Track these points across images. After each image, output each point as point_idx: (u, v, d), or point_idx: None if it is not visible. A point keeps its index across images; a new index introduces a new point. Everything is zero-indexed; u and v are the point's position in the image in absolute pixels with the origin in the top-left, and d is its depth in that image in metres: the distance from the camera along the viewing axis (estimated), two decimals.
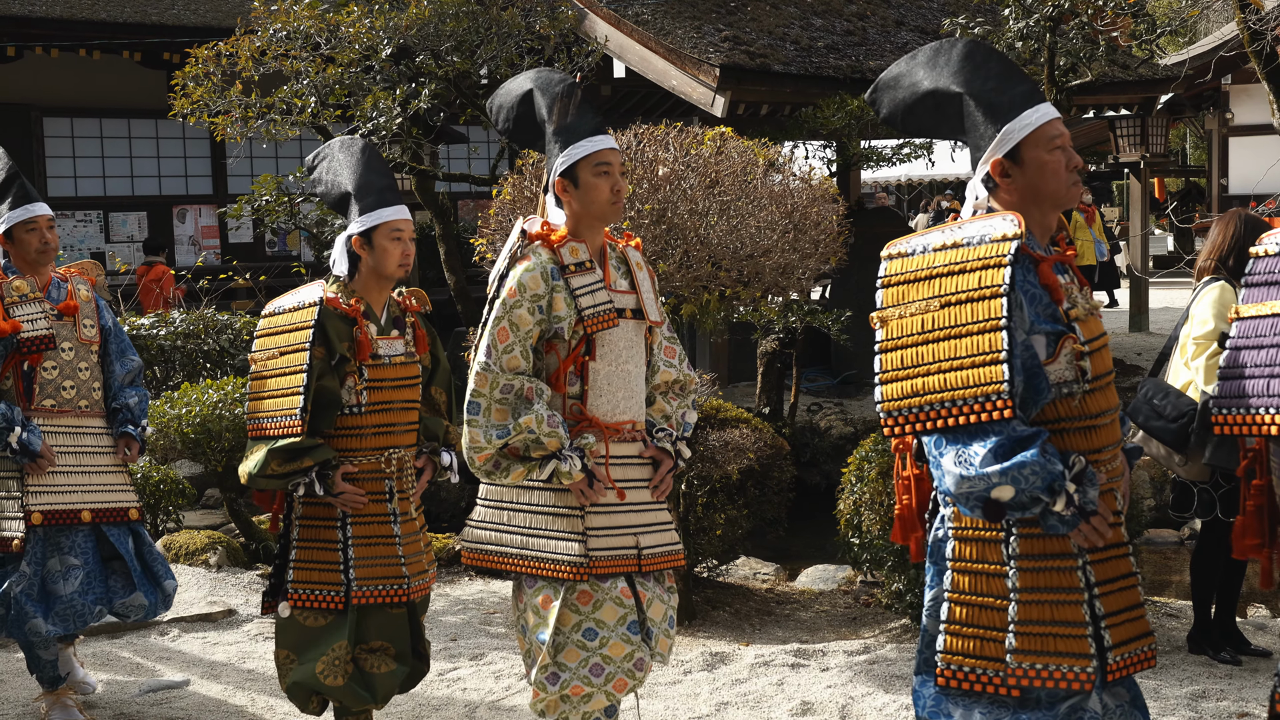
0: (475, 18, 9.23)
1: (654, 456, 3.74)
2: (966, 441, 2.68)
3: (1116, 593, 2.86)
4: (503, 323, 3.53)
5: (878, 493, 5.87)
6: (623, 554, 3.61)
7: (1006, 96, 2.90)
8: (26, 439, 4.63)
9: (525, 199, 6.47)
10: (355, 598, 4.00)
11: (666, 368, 3.82)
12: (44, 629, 4.74)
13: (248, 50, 9.15)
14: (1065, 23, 10.72)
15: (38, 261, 4.87)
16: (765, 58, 11.40)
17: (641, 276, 3.76)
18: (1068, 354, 2.82)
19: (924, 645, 2.96)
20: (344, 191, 4.09)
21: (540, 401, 3.51)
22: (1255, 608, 6.77)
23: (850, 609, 6.59)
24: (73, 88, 14.64)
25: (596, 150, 3.60)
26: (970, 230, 2.80)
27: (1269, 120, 10.12)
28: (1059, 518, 2.71)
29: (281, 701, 5.18)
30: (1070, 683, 2.76)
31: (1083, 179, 3.02)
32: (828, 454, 10.18)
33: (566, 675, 3.54)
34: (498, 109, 3.81)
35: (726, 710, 4.94)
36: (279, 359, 4.00)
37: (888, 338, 2.83)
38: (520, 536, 3.63)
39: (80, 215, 15.08)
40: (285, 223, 9.63)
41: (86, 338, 4.91)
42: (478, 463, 3.55)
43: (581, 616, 3.56)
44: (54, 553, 4.81)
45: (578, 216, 3.64)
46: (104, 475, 4.89)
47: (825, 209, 6.73)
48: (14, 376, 4.75)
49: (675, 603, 3.78)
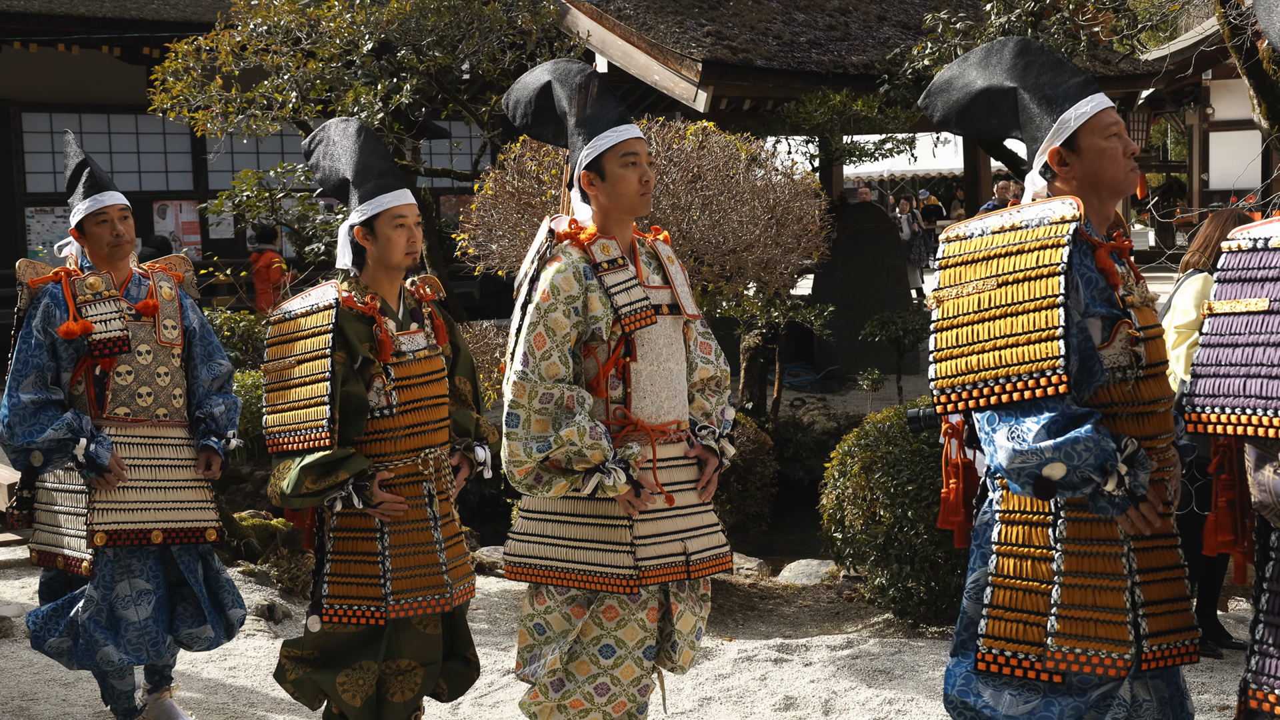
0: (457, 12, 9.20)
1: (699, 456, 3.61)
2: (1020, 417, 2.70)
3: (1160, 583, 2.86)
4: (538, 328, 3.38)
5: (860, 487, 5.88)
6: (671, 561, 3.47)
7: (1061, 87, 2.93)
8: (94, 451, 4.27)
9: (507, 194, 6.46)
10: (394, 611, 3.75)
11: (704, 364, 3.69)
12: (116, 657, 4.40)
13: (228, 45, 9.12)
14: (1047, 18, 10.74)
15: (112, 256, 4.50)
16: (748, 53, 11.40)
17: (674, 270, 3.63)
18: (1123, 339, 2.84)
19: (962, 627, 2.96)
20: (342, 178, 3.86)
21: (582, 411, 3.37)
22: (1235, 601, 6.80)
23: (833, 604, 6.60)
24: (52, 82, 14.56)
25: (623, 140, 3.46)
26: (1029, 213, 2.83)
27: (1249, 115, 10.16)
28: (1109, 499, 2.71)
29: (262, 699, 5.16)
30: (1106, 669, 2.77)
31: None
32: (810, 449, 10.20)
33: (571, 686, 3.47)
34: (514, 104, 3.67)
35: (709, 705, 4.93)
36: (297, 368, 3.75)
37: (943, 317, 2.84)
38: (565, 548, 3.48)
39: (60, 211, 14.97)
40: (266, 218, 9.59)
41: (167, 340, 4.52)
42: (518, 476, 3.39)
43: (603, 631, 3.46)
44: (123, 576, 4.43)
45: (606, 210, 3.51)
46: (181, 491, 4.47)
47: (808, 204, 6.74)
48: (85, 382, 4.39)
49: (706, 613, 3.66)
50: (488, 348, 6.92)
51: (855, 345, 12.06)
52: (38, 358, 4.34)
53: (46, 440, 4.27)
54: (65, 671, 5.42)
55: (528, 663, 3.57)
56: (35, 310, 4.38)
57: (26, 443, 4.28)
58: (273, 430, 3.78)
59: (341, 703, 3.83)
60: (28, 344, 4.35)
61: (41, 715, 4.95)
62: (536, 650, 3.56)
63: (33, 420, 4.28)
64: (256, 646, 5.73)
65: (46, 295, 4.39)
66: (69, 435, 4.28)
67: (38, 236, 14.77)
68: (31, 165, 14.77)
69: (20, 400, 4.29)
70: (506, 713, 4.92)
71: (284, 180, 9.51)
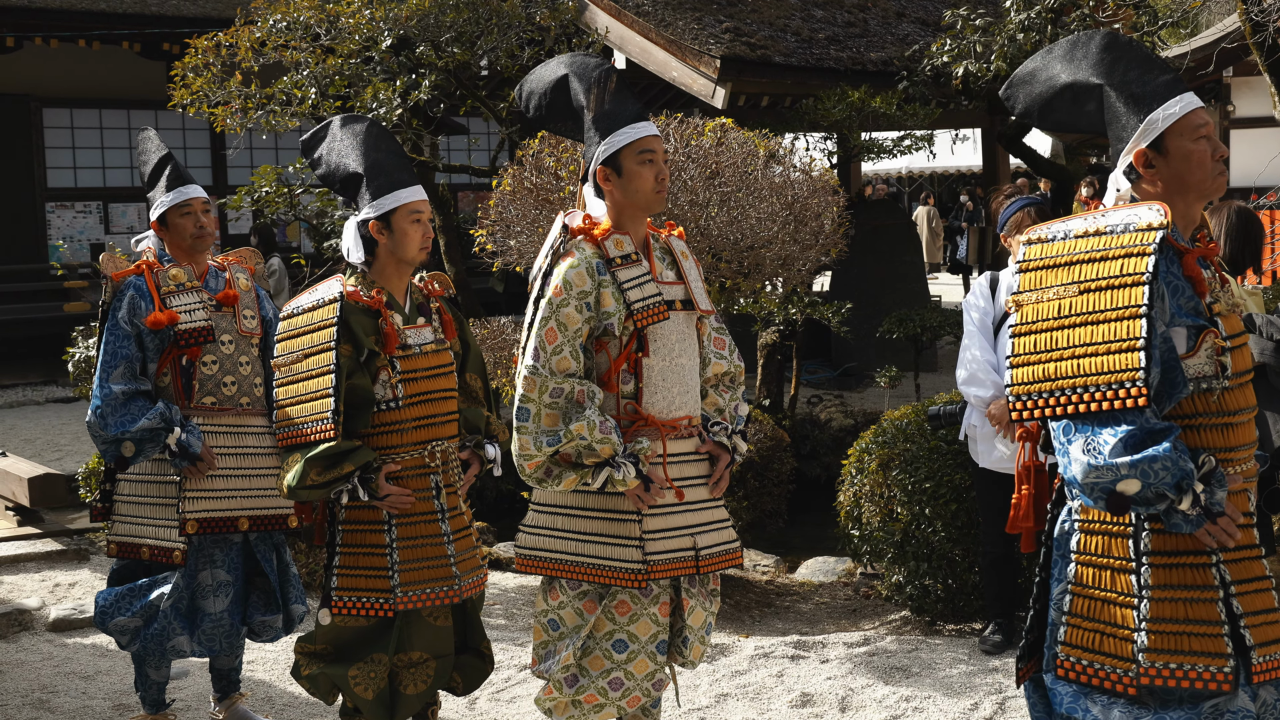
0: (475, 9, 9.21)
1: (711, 452, 3.60)
2: (1096, 429, 2.64)
3: (1254, 594, 2.79)
4: (550, 323, 3.39)
5: (878, 485, 5.87)
6: (680, 556, 3.48)
7: (1149, 85, 2.85)
8: (186, 440, 4.32)
9: (525, 190, 6.46)
10: (402, 603, 3.78)
11: (717, 359, 3.69)
12: (187, 649, 4.43)
13: (247, 41, 9.14)
14: (1067, 15, 10.70)
15: (194, 248, 4.55)
16: (766, 49, 11.38)
17: (688, 265, 3.63)
18: (1208, 348, 2.78)
19: (1051, 640, 2.91)
20: (351, 173, 3.87)
21: (592, 406, 3.37)
22: None
23: (850, 601, 6.59)
24: (72, 78, 14.62)
25: (640, 137, 3.46)
26: (1114, 218, 2.76)
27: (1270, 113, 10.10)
28: (1183, 516, 2.66)
29: (279, 692, 5.18)
30: (1206, 682, 2.70)
31: (1088, 172, 3.00)
32: (828, 446, 10.18)
33: (585, 681, 3.48)
34: (528, 95, 3.65)
35: (726, 702, 4.93)
36: (303, 362, 3.78)
37: (1021, 321, 2.78)
38: (575, 542, 3.50)
39: (80, 206, 15.05)
40: (285, 214, 9.61)
41: (247, 330, 4.57)
42: (528, 470, 3.40)
43: (615, 627, 3.47)
44: (206, 565, 4.46)
45: (620, 206, 3.51)
46: (264, 479, 4.51)
47: (826, 200, 6.73)
48: (172, 373, 4.44)
49: (716, 608, 3.67)
50: (505, 344, 6.93)
51: (873, 342, 12.04)
52: (126, 349, 4.38)
53: (140, 430, 4.30)
54: (85, 664, 5.46)
55: (543, 659, 3.58)
56: (120, 302, 4.41)
57: (120, 432, 4.31)
58: (280, 423, 3.81)
59: (354, 696, 3.85)
60: (115, 335, 4.39)
61: (61, 708, 4.98)
62: (551, 646, 3.56)
63: (124, 410, 4.32)
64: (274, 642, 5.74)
65: (130, 288, 4.43)
66: (161, 425, 4.30)
67: (58, 231, 14.83)
68: (52, 160, 14.83)
69: (112, 391, 4.32)
70: (523, 707, 4.93)
71: (303, 176, 9.53)
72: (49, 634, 5.93)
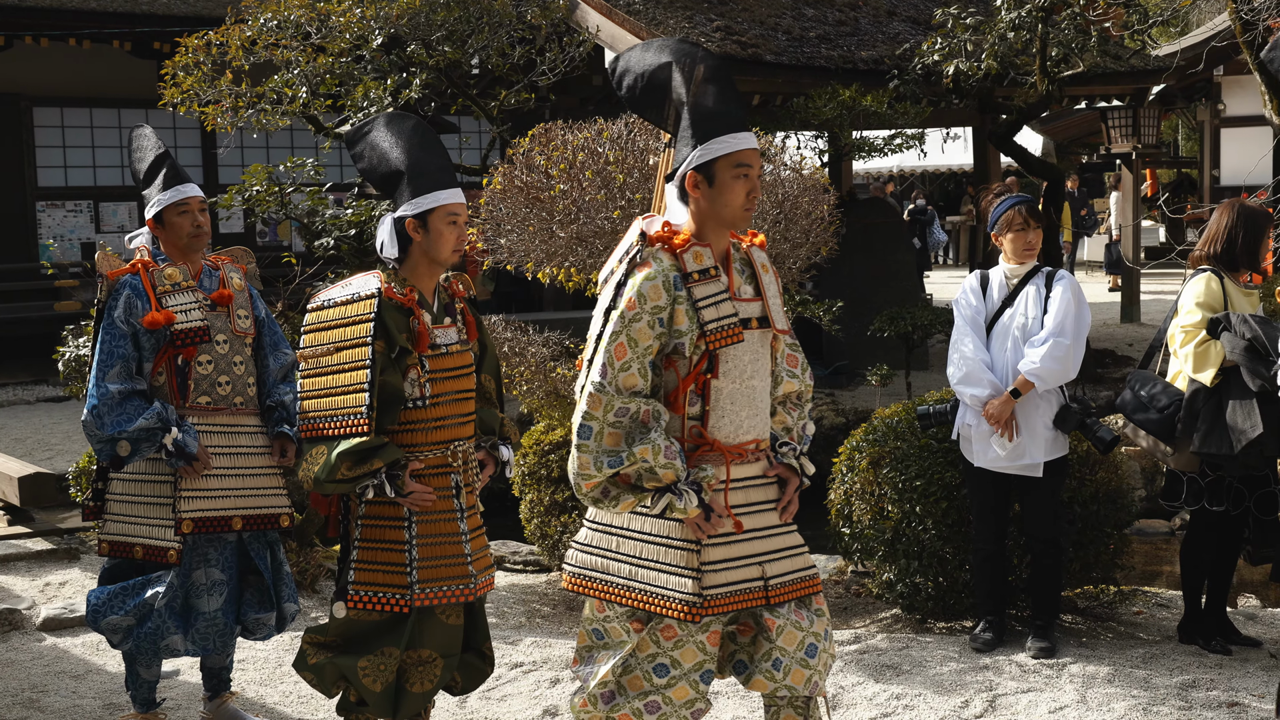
0: (466, 7, 9.20)
1: (780, 475, 3.46)
2: None
3: None
4: (620, 338, 3.23)
5: (868, 483, 5.87)
6: (746, 587, 3.33)
7: None
8: (182, 440, 4.32)
9: (516, 189, 6.46)
10: (419, 600, 3.78)
11: (789, 378, 3.53)
12: (181, 647, 4.45)
13: (238, 40, 9.12)
14: (1057, 13, 10.71)
15: (190, 247, 4.54)
16: (757, 48, 11.39)
17: (767, 280, 3.44)
18: None
19: None
20: (393, 170, 3.84)
21: (658, 428, 3.23)
22: (1245, 598, 6.79)
23: (841, 599, 6.59)
24: (63, 77, 14.58)
25: (739, 149, 3.26)
26: None
27: (1261, 111, 10.13)
28: None
29: (270, 690, 5.18)
30: None
31: (1075, 171, 2.99)
32: (818, 444, 10.15)
33: (621, 700, 3.38)
34: (623, 73, 3.40)
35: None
36: (335, 355, 3.76)
37: None
38: (629, 566, 3.37)
39: (71, 205, 15.02)
40: (276, 213, 9.59)
41: (241, 329, 4.57)
42: (585, 490, 3.26)
43: (659, 650, 3.33)
44: (200, 564, 4.47)
45: (705, 216, 3.32)
46: (258, 478, 4.54)
47: (816, 199, 6.73)
48: (167, 372, 4.43)
49: (820, 627, 3.42)
50: (496, 341, 6.92)
51: (864, 341, 12.04)
52: (123, 348, 4.38)
53: (136, 430, 4.30)
54: (76, 663, 5.45)
55: (584, 662, 3.49)
56: (116, 302, 4.40)
57: (116, 432, 4.31)
58: (309, 415, 3.78)
59: (362, 687, 3.84)
60: (112, 335, 4.38)
61: (51, 707, 4.97)
62: (594, 653, 3.47)
63: (120, 410, 4.31)
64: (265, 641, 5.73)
65: (126, 287, 4.42)
66: (158, 425, 4.31)
67: (48, 230, 14.79)
68: (42, 160, 14.79)
69: (109, 390, 4.32)
70: (514, 706, 4.93)
71: (294, 175, 9.51)
72: (39, 633, 5.91)
